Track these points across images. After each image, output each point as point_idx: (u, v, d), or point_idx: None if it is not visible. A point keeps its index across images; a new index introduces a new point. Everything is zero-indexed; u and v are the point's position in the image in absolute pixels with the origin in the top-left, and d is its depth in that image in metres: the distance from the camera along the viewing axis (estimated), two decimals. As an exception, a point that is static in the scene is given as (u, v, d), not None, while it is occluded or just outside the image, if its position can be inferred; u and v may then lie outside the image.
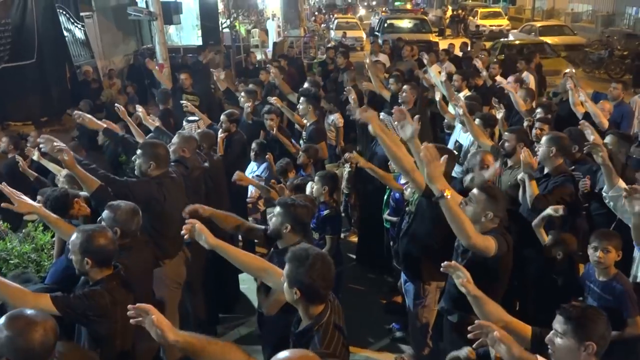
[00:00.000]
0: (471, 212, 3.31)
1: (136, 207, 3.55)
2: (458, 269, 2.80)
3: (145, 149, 4.17)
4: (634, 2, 25.94)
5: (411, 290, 4.10)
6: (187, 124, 6.09)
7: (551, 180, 4.47)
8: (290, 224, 3.32)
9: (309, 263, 2.49)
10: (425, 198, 3.84)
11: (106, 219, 3.45)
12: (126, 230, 3.44)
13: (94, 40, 14.92)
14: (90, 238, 3.01)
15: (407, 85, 6.85)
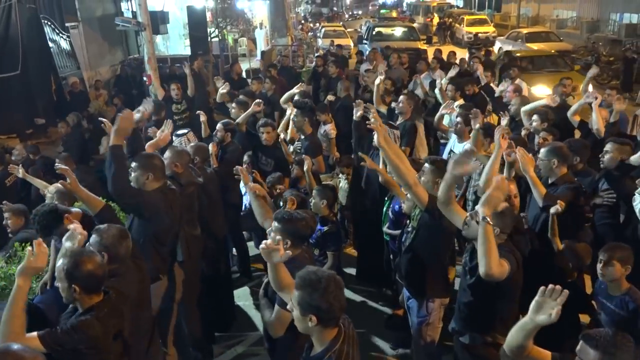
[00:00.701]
0: (476, 227, 3.18)
1: (124, 230, 3.39)
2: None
3: (141, 161, 4.02)
4: (618, 9, 26.22)
5: (414, 306, 3.98)
6: (176, 138, 5.83)
7: (558, 189, 4.36)
8: (290, 239, 3.22)
9: (323, 287, 2.37)
10: (427, 213, 3.74)
11: (93, 243, 3.27)
12: (114, 255, 3.23)
13: (80, 50, 14.72)
14: (78, 263, 2.81)
15: (403, 96, 6.73)
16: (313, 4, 60.69)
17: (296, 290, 2.43)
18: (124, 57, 17.45)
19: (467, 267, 3.32)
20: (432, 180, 3.85)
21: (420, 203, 3.76)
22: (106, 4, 17.05)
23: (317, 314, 2.35)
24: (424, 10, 40.37)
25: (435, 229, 3.75)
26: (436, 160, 3.97)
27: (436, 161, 3.97)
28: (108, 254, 3.20)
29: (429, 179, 3.89)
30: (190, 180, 4.67)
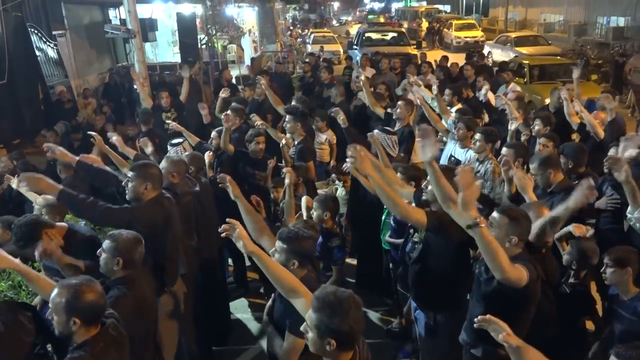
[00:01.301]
0: (494, 236, 3.06)
1: (138, 236, 3.32)
2: (494, 323, 2.53)
3: (138, 170, 3.90)
4: (605, 12, 26.42)
5: (422, 319, 3.85)
6: (172, 148, 5.66)
7: (556, 197, 4.26)
8: (297, 259, 3.03)
9: (344, 309, 2.21)
10: (431, 232, 3.61)
11: (107, 249, 3.22)
12: (129, 260, 3.21)
13: (67, 59, 14.54)
14: (78, 294, 2.60)
15: (401, 102, 6.63)
16: (301, 11, 60.86)
17: (313, 312, 2.27)
18: (112, 65, 17.28)
19: (481, 277, 3.19)
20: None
21: (420, 225, 3.62)
22: (94, 12, 16.90)
23: (336, 337, 2.20)
24: (412, 15, 40.52)
25: (444, 244, 3.61)
26: (445, 169, 3.65)
27: (445, 170, 3.64)
28: (123, 259, 3.18)
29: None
30: (187, 190, 4.53)
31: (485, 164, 5.26)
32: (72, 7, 15.26)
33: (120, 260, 3.18)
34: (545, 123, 5.95)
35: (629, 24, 24.06)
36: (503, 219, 3.07)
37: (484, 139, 5.23)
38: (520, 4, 36.67)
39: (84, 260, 3.61)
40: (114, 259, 3.19)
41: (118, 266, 3.19)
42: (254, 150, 5.76)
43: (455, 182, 3.46)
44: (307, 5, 65.03)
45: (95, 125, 10.11)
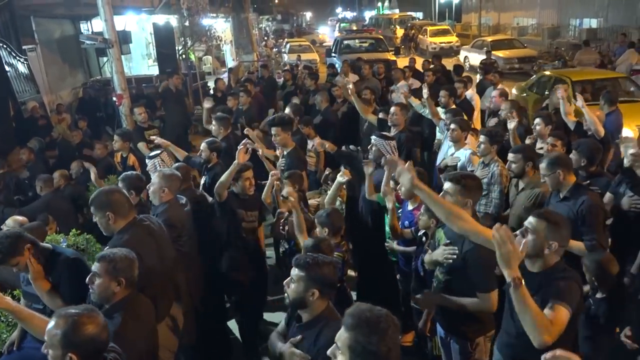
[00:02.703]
0: (531, 244, 2.80)
1: (131, 253, 3.02)
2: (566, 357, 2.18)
3: (95, 201, 3.53)
4: (577, 14, 26.81)
5: (454, 345, 3.55)
6: (150, 160, 5.20)
7: (572, 201, 4.01)
8: (317, 288, 2.69)
9: (382, 328, 2.00)
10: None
11: (104, 271, 2.88)
12: (130, 279, 2.95)
13: (39, 74, 14.02)
14: (77, 326, 2.30)
15: (395, 107, 6.41)
16: (274, 21, 60.80)
17: (346, 331, 2.03)
18: (85, 80, 16.80)
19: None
20: (462, 202, 3.30)
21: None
22: (65, 26, 16.41)
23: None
24: (386, 22, 40.66)
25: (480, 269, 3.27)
26: (463, 177, 3.42)
27: (464, 178, 3.41)
28: (125, 278, 2.90)
29: (457, 200, 3.31)
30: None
31: (491, 167, 5.06)
32: (42, 20, 14.78)
33: (122, 279, 2.90)
34: (546, 122, 5.78)
35: (601, 25, 24.41)
36: (540, 224, 2.80)
37: (489, 141, 5.03)
38: (493, 9, 37.11)
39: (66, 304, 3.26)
40: (113, 279, 2.88)
41: (120, 287, 2.89)
42: (242, 189, 4.80)
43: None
44: (280, 16, 65.07)
45: (72, 141, 9.71)
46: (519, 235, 2.84)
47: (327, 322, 2.65)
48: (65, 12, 14.33)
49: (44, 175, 6.69)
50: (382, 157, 5.23)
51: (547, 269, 2.81)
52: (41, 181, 6.55)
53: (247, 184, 4.77)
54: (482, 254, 3.02)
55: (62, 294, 3.33)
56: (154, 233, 3.65)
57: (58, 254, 3.57)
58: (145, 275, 3.29)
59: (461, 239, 3.24)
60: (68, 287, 3.36)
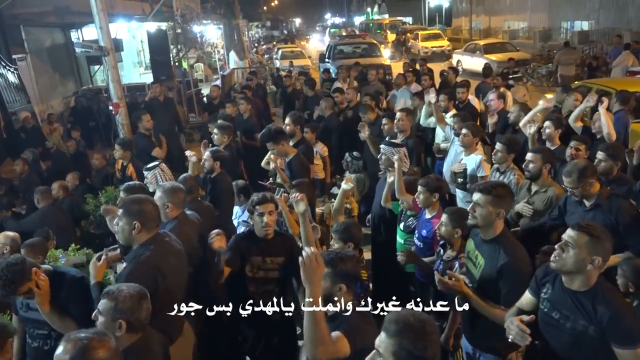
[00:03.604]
0: (572, 260, 2.61)
1: (142, 290, 2.70)
2: None
3: (126, 206, 3.33)
4: (568, 17, 26.91)
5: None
6: (148, 172, 4.92)
7: (605, 209, 3.84)
8: (344, 282, 2.67)
9: (428, 332, 2.00)
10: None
11: (105, 310, 2.59)
12: (134, 322, 2.60)
13: (29, 83, 13.80)
14: (86, 351, 2.13)
15: (401, 113, 6.26)
16: (263, 28, 60.83)
17: (390, 337, 1.98)
18: (76, 89, 16.58)
19: (564, 320, 2.72)
20: (494, 213, 3.14)
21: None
22: (55, 34, 16.20)
23: None
24: (377, 28, 40.68)
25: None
26: (494, 187, 3.23)
27: (494, 187, 3.22)
28: (126, 320, 2.57)
29: (488, 211, 3.14)
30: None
31: (507, 175, 4.90)
32: (32, 29, 14.57)
33: (123, 322, 2.57)
34: (556, 125, 5.63)
35: (592, 28, 24.50)
36: (582, 237, 2.60)
37: (506, 149, 4.87)
38: (484, 12, 37.22)
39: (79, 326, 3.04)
40: (114, 322, 2.57)
41: (121, 330, 2.57)
42: (260, 230, 3.85)
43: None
44: (269, 22, 65.15)
45: (67, 151, 9.49)
46: (557, 250, 2.69)
47: (354, 320, 2.64)
48: (56, 20, 14.12)
49: (41, 187, 6.47)
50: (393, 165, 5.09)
51: (591, 288, 2.63)
52: (38, 193, 6.33)
53: (266, 228, 3.79)
54: (520, 269, 2.87)
55: (74, 317, 3.12)
56: (175, 252, 3.44)
57: (61, 274, 3.35)
58: (167, 294, 3.12)
59: (495, 252, 3.08)
60: (78, 309, 3.14)
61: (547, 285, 2.84)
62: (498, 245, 3.13)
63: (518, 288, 2.99)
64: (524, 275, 2.94)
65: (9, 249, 4.89)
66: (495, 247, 3.13)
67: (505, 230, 3.21)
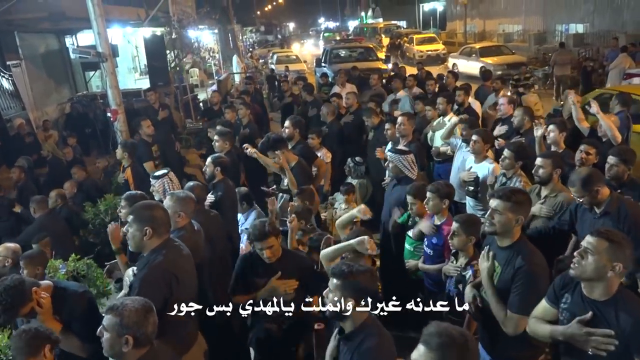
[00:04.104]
0: (592, 267, 2.54)
1: (148, 303, 2.60)
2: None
3: (136, 212, 3.25)
4: (563, 20, 26.97)
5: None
6: (156, 181, 4.72)
7: (614, 216, 3.76)
8: (354, 297, 2.61)
9: (471, 347, 2.00)
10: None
11: (110, 326, 2.48)
12: (140, 337, 2.49)
13: (24, 90, 13.63)
14: None
15: (403, 117, 6.18)
16: (257, 32, 60.77)
17: (432, 351, 1.96)
18: (71, 95, 16.41)
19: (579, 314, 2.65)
20: (513, 219, 3.08)
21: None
22: (49, 40, 16.05)
23: None
24: (371, 32, 40.69)
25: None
26: (513, 193, 3.16)
27: (513, 193, 3.15)
28: (133, 336, 2.47)
29: (507, 218, 3.08)
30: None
31: (513, 181, 4.82)
32: (27, 36, 14.41)
33: (130, 338, 2.47)
34: (560, 129, 5.56)
35: (587, 30, 24.56)
36: (601, 243, 2.54)
37: (514, 157, 4.79)
38: (478, 16, 37.29)
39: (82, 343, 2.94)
40: (120, 338, 2.47)
41: (128, 346, 2.48)
42: (263, 258, 3.73)
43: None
44: (263, 27, 65.08)
45: (63, 158, 9.37)
46: (577, 257, 2.61)
47: (370, 332, 2.61)
48: (51, 26, 13.98)
49: (37, 197, 6.35)
50: (401, 173, 5.01)
51: (612, 297, 2.55)
52: (34, 203, 6.22)
53: (268, 253, 3.68)
54: (535, 273, 2.80)
55: (77, 333, 3.02)
56: (186, 257, 3.37)
57: (63, 289, 3.23)
58: (181, 299, 3.07)
59: (512, 259, 3.01)
60: (82, 325, 3.04)
61: (567, 295, 2.77)
62: (515, 251, 3.07)
63: (531, 292, 2.92)
64: (539, 280, 2.88)
65: (10, 262, 4.80)
66: (512, 254, 3.07)
67: (522, 237, 3.14)
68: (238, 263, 3.85)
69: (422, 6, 46.98)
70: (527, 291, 2.97)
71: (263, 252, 3.65)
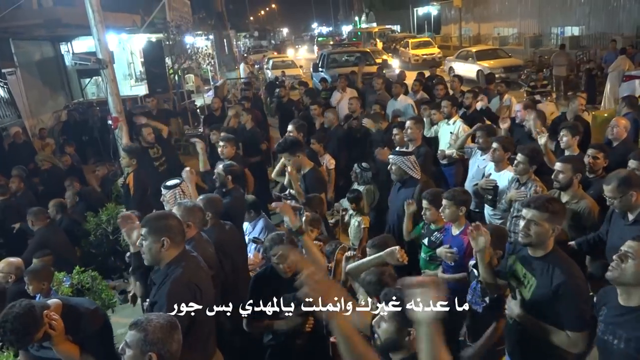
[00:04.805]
0: (632, 271, 2.48)
1: (173, 320, 2.46)
2: None
3: (150, 224, 3.10)
4: (558, 23, 27.03)
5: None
6: (167, 191, 4.52)
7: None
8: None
9: None
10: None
11: (134, 343, 2.35)
12: (165, 354, 2.37)
13: (19, 98, 13.45)
14: None
15: (410, 121, 6.09)
16: (251, 38, 60.77)
17: None
18: (67, 102, 16.24)
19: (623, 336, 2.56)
20: (550, 229, 2.97)
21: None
22: (44, 48, 15.88)
23: None
24: (366, 36, 40.67)
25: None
26: (548, 202, 3.03)
27: (549, 203, 3.02)
28: (157, 353, 2.34)
29: (543, 229, 2.96)
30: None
31: (528, 187, 4.71)
32: (22, 43, 14.25)
33: (154, 355, 2.34)
34: (573, 133, 5.47)
35: (583, 33, 24.60)
36: None
37: (529, 161, 4.68)
38: (473, 19, 37.34)
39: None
40: (143, 355, 2.35)
41: None
42: (281, 273, 3.60)
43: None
44: (257, 32, 65.10)
45: (61, 166, 9.19)
46: (616, 260, 2.52)
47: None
48: (46, 33, 13.82)
49: (34, 208, 6.11)
50: (405, 174, 4.93)
51: None
52: (32, 215, 5.98)
53: (286, 267, 3.54)
54: (579, 287, 2.69)
55: (91, 352, 2.88)
56: (204, 268, 3.24)
57: (74, 308, 3.08)
58: (203, 311, 2.96)
59: (548, 271, 2.89)
60: (98, 344, 2.91)
61: (603, 308, 2.70)
62: (551, 263, 2.95)
63: (580, 308, 2.82)
64: (583, 293, 2.80)
65: (13, 277, 4.67)
66: (547, 265, 2.95)
67: (556, 247, 3.02)
68: (252, 284, 3.67)
69: (416, 10, 47.03)
70: (579, 306, 2.85)
71: (280, 266, 3.48)
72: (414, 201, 4.68)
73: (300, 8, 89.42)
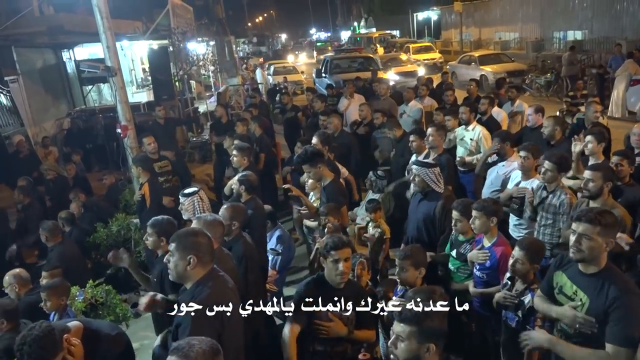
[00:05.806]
0: None
1: (215, 345, 2.31)
2: None
3: (179, 240, 2.96)
4: (560, 27, 26.97)
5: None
6: (185, 199, 4.37)
7: None
8: (433, 342, 2.31)
9: None
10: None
11: None
12: None
13: (22, 106, 13.29)
14: None
15: (432, 128, 5.93)
16: (250, 44, 60.75)
17: None
18: (69, 110, 16.11)
19: None
20: (603, 242, 2.83)
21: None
22: (47, 55, 15.76)
23: None
24: (366, 42, 40.64)
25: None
26: (599, 215, 2.87)
27: (600, 215, 2.87)
28: None
29: (596, 243, 2.82)
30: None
31: (558, 196, 4.56)
32: (24, 50, 14.12)
33: None
34: (599, 140, 5.31)
35: (586, 37, 24.55)
36: None
37: (557, 169, 4.54)
38: (474, 24, 37.30)
39: None
40: None
41: None
42: (334, 277, 3.37)
43: None
44: (256, 38, 65.07)
45: (67, 175, 9.03)
46: None
47: None
48: (49, 41, 13.71)
49: (48, 223, 5.88)
50: (427, 187, 4.76)
51: None
52: (47, 231, 5.75)
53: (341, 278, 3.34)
54: (636, 304, 2.54)
55: None
56: (232, 289, 3.08)
57: (95, 332, 2.94)
58: (232, 334, 2.84)
59: (603, 288, 2.74)
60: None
61: None
62: (605, 280, 2.78)
63: (631, 322, 2.66)
64: (638, 310, 2.63)
65: (17, 287, 4.61)
66: (601, 282, 2.79)
67: (610, 263, 2.86)
68: (301, 288, 3.48)
69: (416, 15, 47.00)
70: (631, 321, 2.69)
71: (339, 266, 3.28)
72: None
73: (298, 13, 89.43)
